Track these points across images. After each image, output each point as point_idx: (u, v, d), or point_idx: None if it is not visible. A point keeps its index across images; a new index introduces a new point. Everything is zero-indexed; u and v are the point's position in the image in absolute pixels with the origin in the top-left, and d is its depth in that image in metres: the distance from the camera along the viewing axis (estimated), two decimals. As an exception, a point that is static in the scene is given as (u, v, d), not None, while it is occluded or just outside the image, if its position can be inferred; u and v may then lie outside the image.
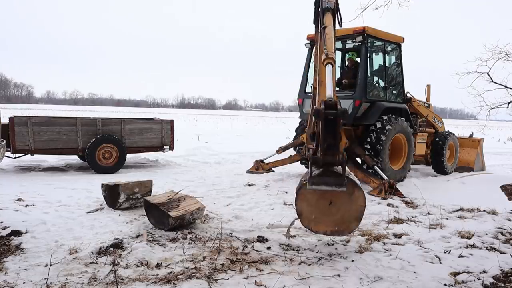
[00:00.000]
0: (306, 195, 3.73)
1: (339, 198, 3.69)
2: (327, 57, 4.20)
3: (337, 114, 3.46)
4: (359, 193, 3.70)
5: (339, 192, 3.55)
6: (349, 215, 3.74)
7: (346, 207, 3.72)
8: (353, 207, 3.72)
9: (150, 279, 3.18)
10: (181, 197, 4.80)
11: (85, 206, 5.43)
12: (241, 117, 65.03)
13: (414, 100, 9.13)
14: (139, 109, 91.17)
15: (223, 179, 8.07)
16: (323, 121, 3.47)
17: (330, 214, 3.74)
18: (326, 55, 4.24)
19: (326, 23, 5.02)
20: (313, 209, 3.76)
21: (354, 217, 3.76)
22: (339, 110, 3.46)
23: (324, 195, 3.68)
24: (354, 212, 3.74)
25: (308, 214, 3.77)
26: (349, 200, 3.69)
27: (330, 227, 3.78)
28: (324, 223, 3.78)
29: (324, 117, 3.45)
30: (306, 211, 3.77)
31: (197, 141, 16.12)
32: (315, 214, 3.76)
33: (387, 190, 6.64)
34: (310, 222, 3.80)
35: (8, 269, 3.28)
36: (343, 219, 3.75)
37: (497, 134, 32.11)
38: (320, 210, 3.74)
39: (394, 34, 8.33)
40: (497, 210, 5.53)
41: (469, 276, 3.33)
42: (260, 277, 3.28)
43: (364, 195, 3.76)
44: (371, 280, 3.25)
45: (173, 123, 9.64)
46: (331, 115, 3.45)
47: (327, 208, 3.73)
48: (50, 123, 8.23)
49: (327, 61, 4.19)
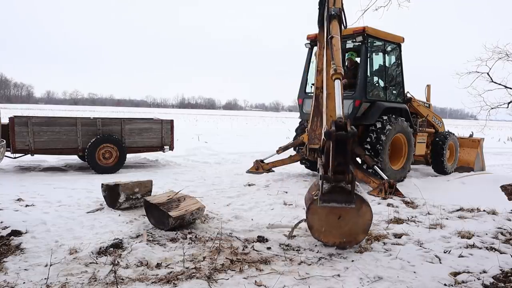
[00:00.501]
0: (316, 210, 3.95)
1: (347, 213, 3.91)
2: (335, 72, 4.29)
3: (348, 136, 3.60)
4: (367, 208, 3.91)
5: (347, 208, 3.80)
6: (357, 228, 3.96)
7: (354, 221, 3.93)
8: (360, 220, 3.93)
9: (150, 279, 3.18)
10: (181, 197, 4.80)
11: (85, 206, 5.43)
12: (241, 117, 65.03)
13: (414, 100, 9.13)
14: (139, 109, 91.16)
15: (223, 179, 8.07)
16: (334, 142, 3.60)
17: (339, 227, 3.96)
18: (335, 70, 4.32)
19: (333, 33, 5.07)
20: (323, 223, 3.98)
21: (362, 229, 3.98)
22: (350, 132, 3.59)
23: (333, 210, 3.90)
24: (362, 225, 3.96)
25: (319, 227, 4.01)
26: (357, 215, 3.92)
27: (339, 239, 3.99)
28: (333, 235, 3.99)
29: (335, 139, 3.57)
30: (317, 224, 4.01)
31: (197, 141, 16.12)
32: (325, 227, 3.98)
33: (387, 190, 6.64)
34: (320, 234, 4.03)
35: (8, 269, 3.28)
36: (351, 231, 3.96)
37: (497, 134, 32.11)
38: (329, 223, 3.96)
39: (394, 34, 8.33)
40: (497, 210, 5.53)
41: (469, 276, 3.33)
42: (260, 277, 3.28)
43: (371, 210, 3.97)
44: (371, 280, 3.25)
45: (173, 123, 9.64)
46: (342, 137, 3.58)
47: (336, 222, 3.96)
48: (50, 123, 8.23)
49: (335, 76, 4.29)
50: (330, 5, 5.57)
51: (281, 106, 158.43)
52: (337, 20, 5.33)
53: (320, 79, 6.80)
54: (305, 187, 7.39)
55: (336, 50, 4.76)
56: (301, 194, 6.70)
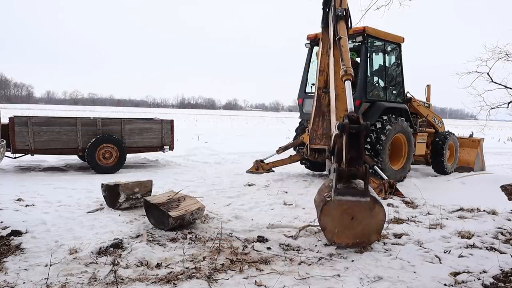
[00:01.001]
0: (330, 211, 3.93)
1: (360, 213, 3.89)
2: (345, 73, 4.34)
3: (361, 128, 3.67)
4: (380, 208, 3.90)
5: (361, 207, 3.80)
6: (370, 229, 3.95)
7: (367, 221, 3.92)
8: (373, 221, 3.92)
9: (150, 279, 3.18)
10: (181, 197, 4.80)
11: (85, 206, 5.43)
12: (241, 117, 65.02)
13: (414, 100, 9.13)
14: (139, 109, 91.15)
15: (223, 179, 8.07)
16: (347, 135, 3.65)
17: (351, 228, 3.95)
18: (345, 71, 4.36)
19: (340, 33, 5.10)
20: (336, 224, 3.96)
21: (375, 230, 3.98)
22: (363, 125, 3.66)
23: (346, 211, 3.88)
24: (375, 226, 3.95)
25: (332, 228, 3.98)
26: (370, 215, 3.90)
27: (352, 240, 3.99)
28: (346, 236, 3.98)
29: (348, 131, 3.63)
30: (330, 225, 3.98)
31: (197, 141, 16.13)
32: (338, 228, 3.96)
33: (387, 190, 6.64)
34: (333, 235, 4.01)
35: (8, 269, 3.28)
36: (364, 232, 3.95)
37: (497, 134, 32.11)
38: (342, 224, 3.95)
39: (394, 34, 8.33)
40: (497, 210, 5.53)
41: (469, 276, 3.33)
42: (260, 277, 3.28)
43: (384, 210, 3.95)
44: (371, 280, 3.25)
45: (173, 123, 9.64)
46: (355, 129, 3.64)
47: (349, 222, 3.94)
48: (50, 123, 8.23)
49: (345, 77, 4.33)
50: (337, 5, 5.56)
51: (281, 106, 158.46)
52: (344, 20, 5.34)
53: (322, 79, 6.81)
54: (305, 187, 7.39)
55: (345, 51, 4.79)
56: (301, 194, 6.71)
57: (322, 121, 7.26)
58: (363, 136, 3.72)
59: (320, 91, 6.98)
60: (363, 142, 3.72)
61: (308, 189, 7.12)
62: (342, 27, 5.25)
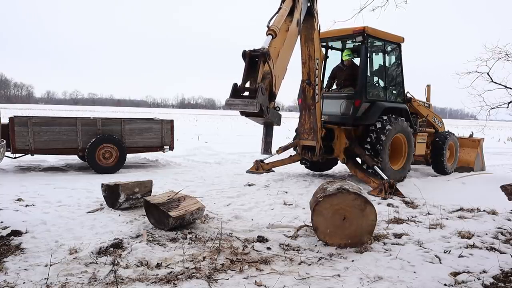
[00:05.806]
0: (321, 211, 4.04)
1: (352, 214, 4.00)
2: (268, 29, 4.45)
3: (259, 53, 3.99)
4: (371, 209, 4.02)
5: (352, 209, 3.99)
6: (362, 229, 4.04)
7: (359, 222, 4.02)
8: (364, 221, 4.03)
9: (150, 279, 3.18)
10: (181, 197, 4.80)
11: (85, 206, 5.43)
12: (241, 117, 64.85)
13: (414, 100, 9.13)
14: (139, 109, 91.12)
15: (223, 179, 8.07)
16: (248, 59, 4.02)
17: (344, 228, 4.04)
18: (268, 27, 4.47)
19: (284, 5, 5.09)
20: (328, 224, 4.05)
21: (366, 230, 4.07)
22: (262, 51, 4.00)
23: (338, 211, 4.02)
24: (366, 226, 4.05)
25: (324, 229, 4.07)
26: (361, 216, 4.00)
27: (344, 240, 4.05)
28: (338, 236, 4.06)
29: (250, 56, 4.02)
30: (322, 226, 4.07)
31: (197, 141, 16.13)
32: (330, 228, 4.04)
33: (387, 190, 6.64)
34: (325, 236, 4.08)
35: (8, 269, 3.28)
36: (356, 232, 4.04)
37: (497, 134, 32.11)
38: (334, 224, 4.04)
39: (394, 34, 8.32)
40: (497, 210, 5.53)
41: (469, 276, 3.33)
42: (260, 277, 3.28)
43: (375, 211, 4.06)
44: (371, 280, 3.25)
45: (173, 123, 9.63)
46: (254, 55, 4.03)
47: (341, 223, 4.04)
48: (50, 123, 8.22)
49: (268, 32, 4.45)
50: None
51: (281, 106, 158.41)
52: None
53: (306, 71, 6.82)
54: (305, 187, 7.40)
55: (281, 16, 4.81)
56: (301, 194, 6.71)
57: (308, 114, 7.27)
58: (261, 60, 3.98)
59: (304, 83, 6.99)
60: (259, 65, 3.97)
61: (308, 189, 7.12)
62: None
